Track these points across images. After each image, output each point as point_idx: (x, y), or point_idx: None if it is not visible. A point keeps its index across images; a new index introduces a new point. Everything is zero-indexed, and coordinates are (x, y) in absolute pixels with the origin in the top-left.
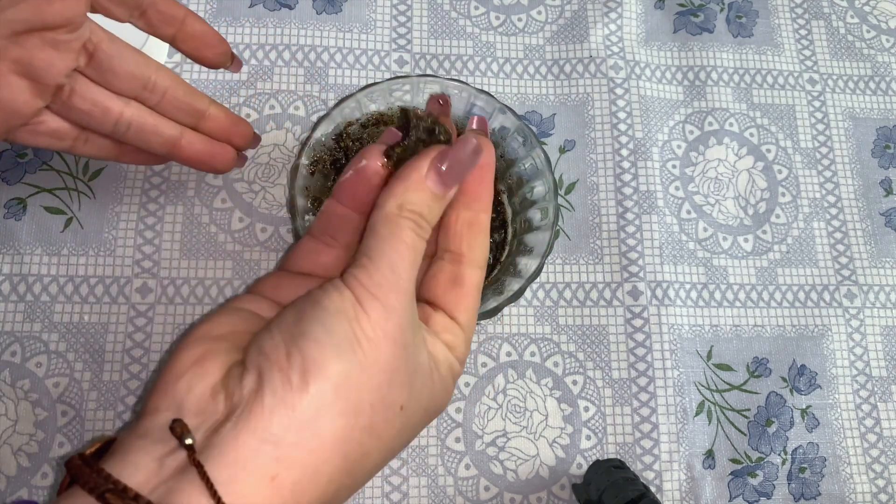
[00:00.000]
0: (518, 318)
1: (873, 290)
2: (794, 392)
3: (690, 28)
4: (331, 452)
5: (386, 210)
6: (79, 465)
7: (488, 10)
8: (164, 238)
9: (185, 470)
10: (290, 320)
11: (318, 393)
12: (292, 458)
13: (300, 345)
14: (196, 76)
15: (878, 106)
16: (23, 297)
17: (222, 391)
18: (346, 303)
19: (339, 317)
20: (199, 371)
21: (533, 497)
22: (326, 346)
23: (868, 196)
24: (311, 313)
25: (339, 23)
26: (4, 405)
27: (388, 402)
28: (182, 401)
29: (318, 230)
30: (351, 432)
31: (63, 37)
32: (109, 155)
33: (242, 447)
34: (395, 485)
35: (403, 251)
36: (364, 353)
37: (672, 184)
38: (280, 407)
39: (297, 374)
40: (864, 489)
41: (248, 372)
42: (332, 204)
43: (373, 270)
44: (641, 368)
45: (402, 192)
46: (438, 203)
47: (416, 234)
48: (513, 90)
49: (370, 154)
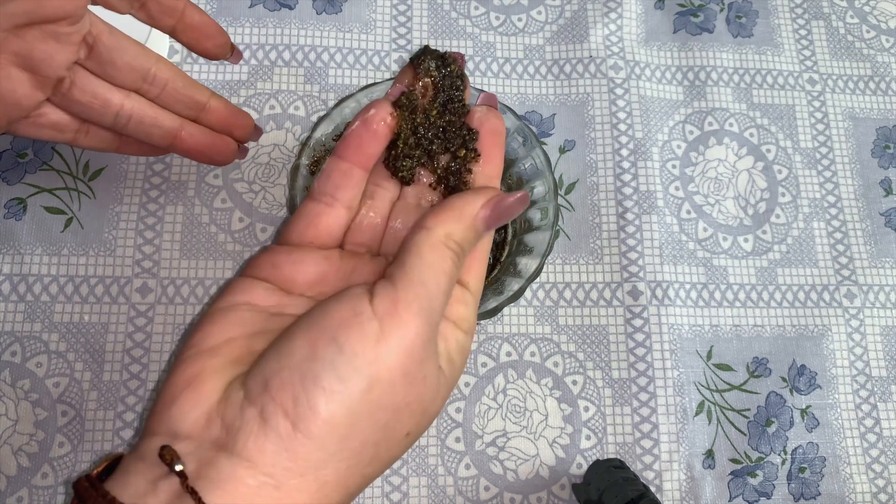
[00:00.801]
0: (518, 318)
1: (873, 290)
2: (794, 392)
3: (690, 28)
4: (333, 490)
5: (434, 236)
6: (85, 486)
7: (488, 10)
8: (164, 238)
9: (182, 496)
10: (301, 355)
11: (323, 442)
12: (294, 500)
13: (310, 392)
14: (196, 76)
15: (877, 106)
16: (23, 297)
17: (218, 419)
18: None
19: (355, 362)
20: (193, 395)
21: (533, 497)
22: (337, 396)
23: (868, 196)
24: (325, 354)
25: (339, 23)
26: (4, 405)
27: (394, 434)
28: (176, 426)
29: (319, 190)
30: (353, 470)
31: (63, 29)
32: (110, 147)
33: (242, 485)
34: (395, 485)
35: (443, 281)
36: (378, 395)
37: (672, 184)
38: (284, 452)
39: (303, 422)
40: (863, 489)
41: (251, 406)
42: (334, 161)
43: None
44: (641, 368)
45: (453, 223)
46: (478, 240)
47: (454, 266)
48: (513, 90)
49: (378, 104)
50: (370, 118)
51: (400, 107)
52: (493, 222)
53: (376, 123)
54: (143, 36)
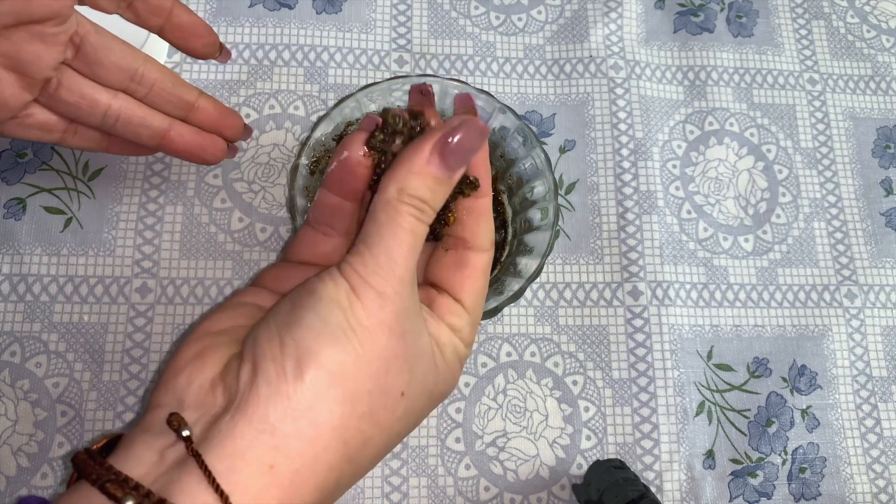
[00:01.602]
0: (518, 318)
1: (873, 290)
2: (795, 392)
3: (690, 28)
4: (329, 440)
5: (386, 195)
6: (84, 458)
7: (488, 10)
8: (164, 238)
9: (185, 461)
10: (285, 310)
11: (313, 381)
12: (290, 446)
13: (294, 334)
14: (196, 76)
15: (878, 106)
16: (23, 297)
17: (220, 384)
18: (341, 291)
19: (332, 305)
20: (199, 365)
21: (533, 497)
22: (320, 334)
23: (868, 196)
24: (305, 302)
25: (339, 23)
26: (4, 405)
27: (387, 388)
28: (182, 395)
29: (315, 220)
30: (349, 420)
31: (50, 30)
32: (98, 147)
33: (240, 437)
34: (395, 485)
35: (402, 237)
36: (359, 341)
37: (672, 184)
38: (275, 396)
39: (291, 363)
40: (864, 489)
41: (245, 363)
42: (324, 194)
43: (368, 257)
44: (642, 368)
45: (403, 177)
46: (443, 187)
47: (416, 219)
48: (513, 90)
49: (351, 144)
50: (344, 161)
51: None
52: (454, 161)
53: (353, 164)
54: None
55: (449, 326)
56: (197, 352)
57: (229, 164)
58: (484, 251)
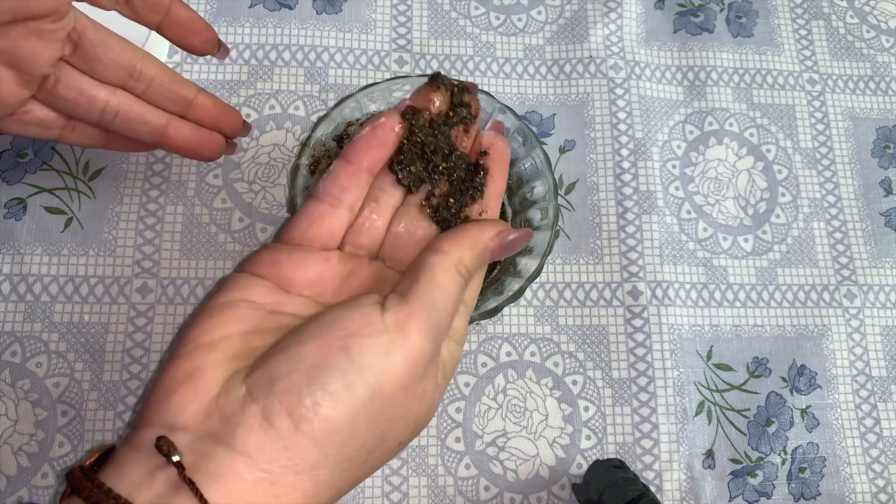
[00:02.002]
0: (518, 318)
1: (873, 290)
2: (794, 392)
3: (690, 28)
4: (326, 490)
5: (449, 260)
6: (79, 476)
7: (488, 10)
8: (164, 238)
9: (179, 486)
10: (311, 360)
11: (323, 443)
12: (289, 496)
13: (316, 396)
14: (196, 76)
15: (878, 106)
16: (23, 297)
17: (216, 412)
18: (377, 353)
19: (363, 372)
20: (191, 389)
21: (533, 497)
22: (342, 404)
23: (868, 196)
24: (335, 362)
25: (339, 23)
26: (4, 405)
27: (388, 443)
28: (173, 419)
29: (323, 191)
30: (346, 473)
31: (48, 26)
32: (97, 143)
33: (240, 480)
34: (395, 485)
35: (451, 304)
36: (377, 409)
37: (672, 184)
38: (283, 451)
39: (305, 423)
40: (863, 489)
41: (253, 403)
42: (342, 163)
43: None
44: (641, 368)
45: (466, 249)
46: (482, 267)
47: (461, 290)
48: (513, 90)
49: (388, 113)
50: (380, 125)
51: (406, 118)
52: (499, 253)
53: (385, 130)
54: (142, 37)
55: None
56: (189, 371)
57: (230, 165)
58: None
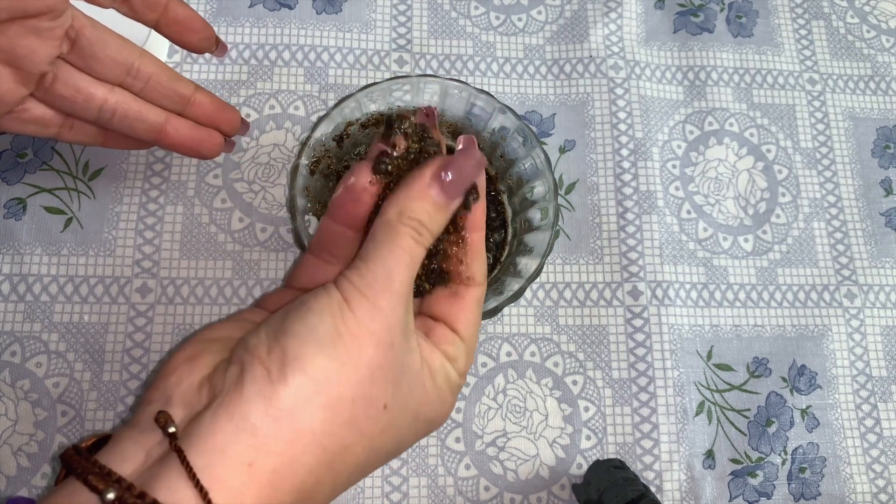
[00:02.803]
0: (518, 318)
1: (873, 290)
2: (795, 392)
3: (690, 28)
4: (308, 444)
5: (386, 216)
6: (71, 454)
7: (488, 10)
8: (164, 238)
9: (168, 456)
10: (277, 320)
11: (296, 386)
12: (269, 446)
13: (281, 340)
14: (196, 76)
15: (878, 106)
16: (23, 297)
17: (207, 384)
18: (333, 302)
19: (322, 315)
20: (189, 367)
21: (533, 497)
22: (307, 341)
23: (868, 196)
24: (296, 312)
25: (339, 23)
26: (4, 405)
27: (370, 398)
28: (170, 393)
29: (317, 247)
30: (330, 426)
31: (45, 24)
32: (95, 141)
33: (220, 433)
34: (395, 485)
35: (399, 254)
36: (346, 349)
37: (672, 184)
38: (258, 397)
39: (276, 366)
40: (864, 489)
41: (233, 364)
42: (328, 222)
43: (365, 271)
44: (641, 368)
45: (403, 200)
46: (441, 213)
47: (414, 241)
48: (513, 90)
49: (358, 171)
50: (351, 185)
51: (378, 171)
52: (452, 189)
53: (358, 190)
54: (142, 36)
55: (444, 354)
56: (190, 355)
57: (229, 164)
58: (478, 285)
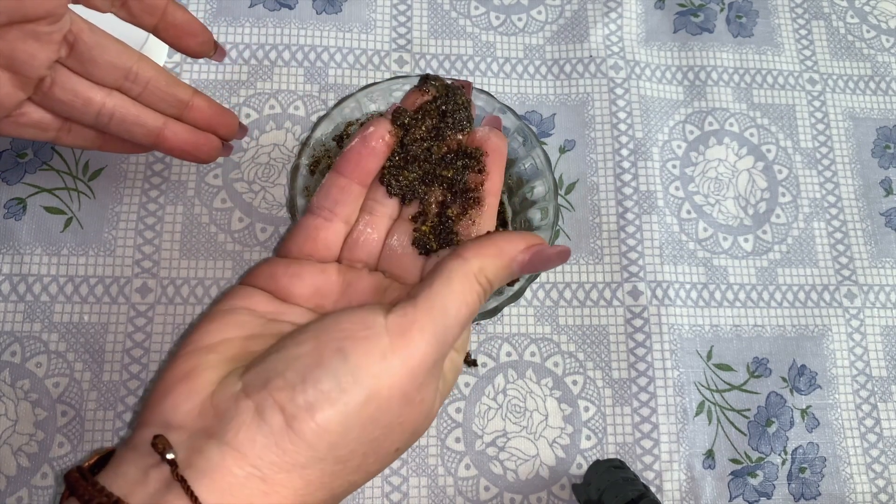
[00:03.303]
0: (518, 318)
1: (873, 290)
2: (795, 392)
3: (690, 28)
4: (317, 491)
5: (468, 267)
6: (76, 477)
7: (488, 10)
8: (164, 238)
9: (171, 484)
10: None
11: (314, 443)
12: (279, 494)
13: (309, 395)
14: (196, 76)
15: (878, 106)
16: (23, 297)
17: (211, 408)
18: (373, 356)
19: (358, 374)
20: (187, 388)
21: (533, 497)
22: (334, 403)
23: (868, 196)
24: (330, 362)
25: (339, 23)
26: (4, 405)
27: (384, 449)
28: (168, 417)
29: (317, 204)
30: (339, 476)
31: (44, 28)
32: (93, 145)
33: (230, 475)
34: (395, 485)
35: (464, 313)
36: (371, 413)
37: (672, 184)
38: (273, 447)
39: (297, 422)
40: (864, 489)
41: (247, 399)
42: (334, 176)
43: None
44: (641, 368)
45: (490, 259)
46: (508, 280)
47: (479, 300)
48: (513, 90)
49: (377, 121)
50: (369, 135)
51: (397, 124)
52: (530, 268)
53: (374, 140)
54: (140, 39)
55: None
56: (186, 371)
57: (229, 164)
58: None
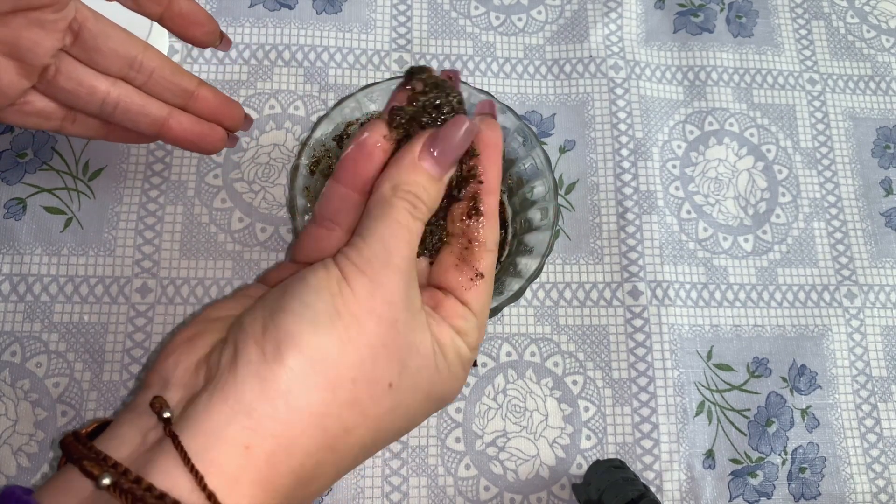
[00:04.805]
0: (518, 318)
1: (873, 290)
2: (795, 392)
3: (690, 28)
4: (307, 425)
5: (380, 192)
6: (70, 440)
7: (488, 10)
8: (164, 238)
9: (164, 441)
10: (273, 296)
11: (293, 366)
12: (266, 428)
13: (277, 318)
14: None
15: (878, 106)
16: (23, 297)
17: (205, 365)
18: (332, 278)
19: (320, 292)
20: (188, 348)
21: (533, 497)
22: (303, 319)
23: (868, 196)
24: (293, 289)
25: (339, 23)
26: (4, 405)
27: (374, 378)
28: (168, 375)
29: (320, 215)
30: (329, 407)
31: (49, 16)
32: (97, 135)
33: (216, 416)
34: (395, 485)
35: (396, 229)
36: (345, 328)
37: (672, 184)
38: (252, 377)
39: (271, 346)
40: (864, 489)
41: (228, 345)
42: (333, 185)
43: (363, 247)
44: (641, 368)
45: (396, 174)
46: (435, 185)
47: (410, 215)
48: (513, 90)
49: (372, 126)
50: (364, 141)
51: (393, 124)
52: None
53: (371, 146)
54: (144, 29)
55: (454, 328)
56: (190, 335)
57: (229, 164)
58: (487, 251)
